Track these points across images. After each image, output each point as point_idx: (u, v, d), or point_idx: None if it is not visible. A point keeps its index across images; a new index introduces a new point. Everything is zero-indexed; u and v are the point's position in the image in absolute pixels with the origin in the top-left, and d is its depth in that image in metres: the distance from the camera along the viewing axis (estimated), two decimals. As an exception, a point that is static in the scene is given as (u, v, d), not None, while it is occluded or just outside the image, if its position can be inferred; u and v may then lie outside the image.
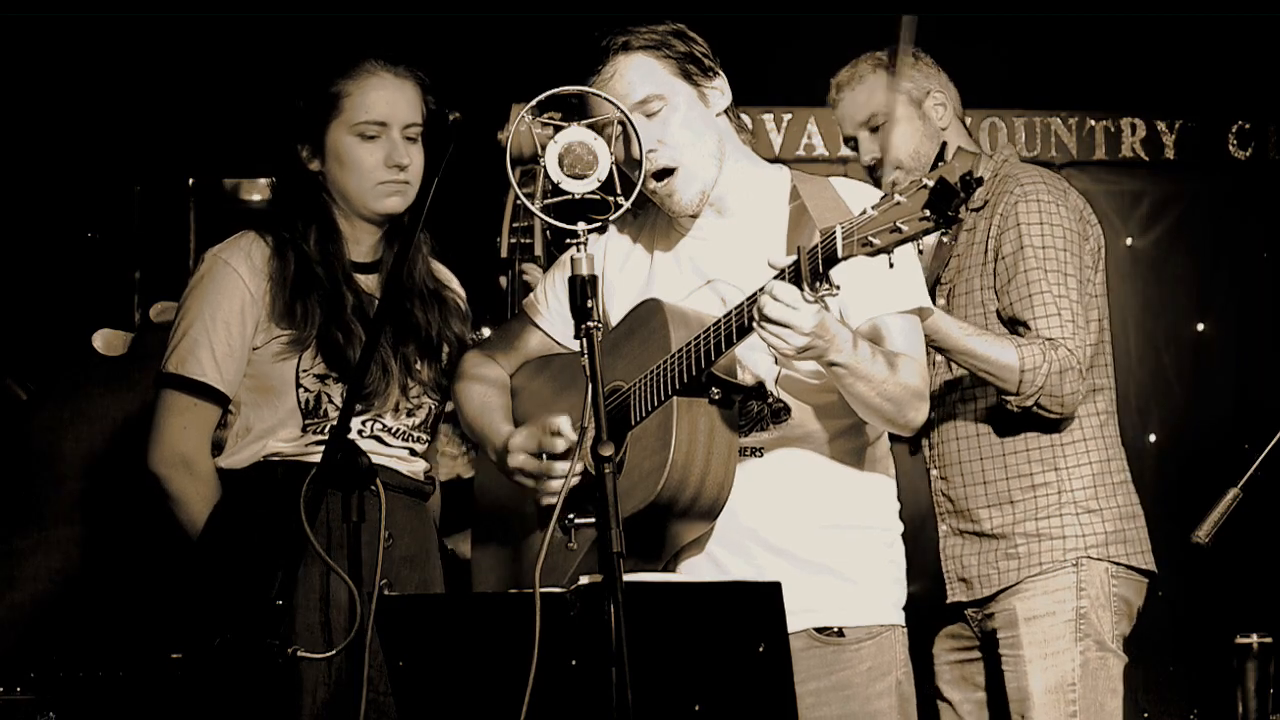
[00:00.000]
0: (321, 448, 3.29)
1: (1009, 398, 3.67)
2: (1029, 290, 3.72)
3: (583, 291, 2.76)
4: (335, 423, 3.31)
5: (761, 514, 3.14)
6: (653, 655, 2.61)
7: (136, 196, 5.49)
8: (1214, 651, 4.75)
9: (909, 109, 3.86)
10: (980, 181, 2.60)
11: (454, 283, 3.64)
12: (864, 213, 2.73)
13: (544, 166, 2.83)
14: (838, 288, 2.80)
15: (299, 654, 2.97)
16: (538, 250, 3.91)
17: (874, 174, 3.89)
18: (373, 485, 3.07)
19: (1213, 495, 3.48)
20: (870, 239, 2.70)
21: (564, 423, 3.10)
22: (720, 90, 3.22)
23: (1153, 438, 5.67)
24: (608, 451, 2.65)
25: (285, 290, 3.41)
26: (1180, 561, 5.19)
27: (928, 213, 2.62)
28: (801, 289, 2.81)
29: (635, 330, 3.18)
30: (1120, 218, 5.70)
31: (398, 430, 3.45)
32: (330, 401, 3.40)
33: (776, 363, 3.13)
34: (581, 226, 2.82)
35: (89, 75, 5.25)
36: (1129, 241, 5.71)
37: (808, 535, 3.15)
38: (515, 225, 3.97)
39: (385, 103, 3.43)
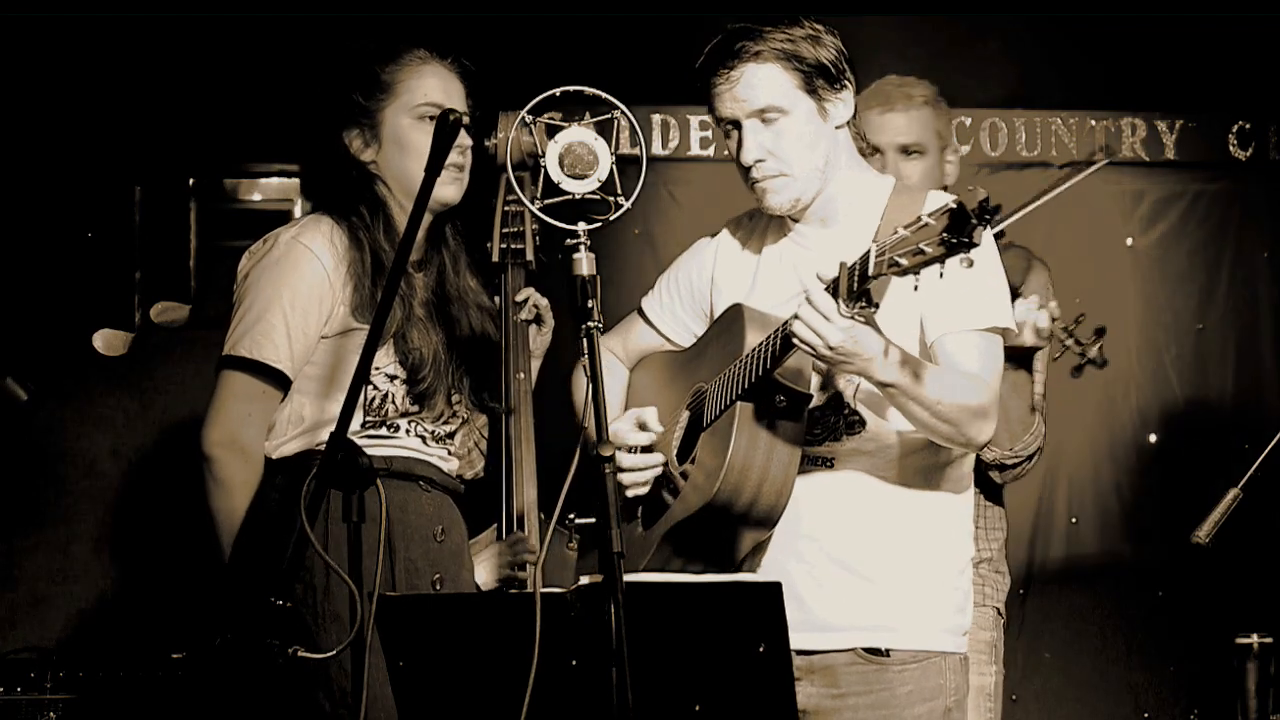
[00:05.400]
0: (375, 443, 3.29)
1: (993, 446, 3.77)
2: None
3: (583, 291, 2.77)
4: (392, 424, 3.34)
5: (827, 525, 3.16)
6: (653, 655, 2.62)
7: (136, 196, 5.48)
8: (1214, 651, 4.75)
9: (936, 154, 3.94)
10: (998, 209, 2.61)
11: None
12: (896, 232, 2.75)
13: (544, 167, 2.84)
14: (876, 305, 2.83)
15: (299, 654, 2.95)
16: (529, 255, 3.91)
17: None
18: (374, 484, 3.05)
19: (1213, 495, 3.48)
20: (897, 259, 2.72)
21: (649, 415, 3.23)
22: (844, 102, 3.21)
23: (1153, 438, 5.67)
24: (608, 452, 2.66)
25: (367, 280, 3.31)
26: (1180, 561, 5.21)
27: (946, 235, 2.63)
28: (838, 303, 2.84)
29: (720, 334, 3.24)
30: (1120, 218, 5.69)
31: (435, 433, 3.42)
32: (392, 403, 3.35)
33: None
34: (582, 226, 2.83)
35: (89, 75, 5.25)
36: (1129, 241, 5.70)
37: (871, 551, 3.16)
38: (505, 231, 3.97)
39: (440, 89, 3.38)
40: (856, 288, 2.81)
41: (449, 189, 3.38)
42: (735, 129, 3.19)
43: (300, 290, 3.30)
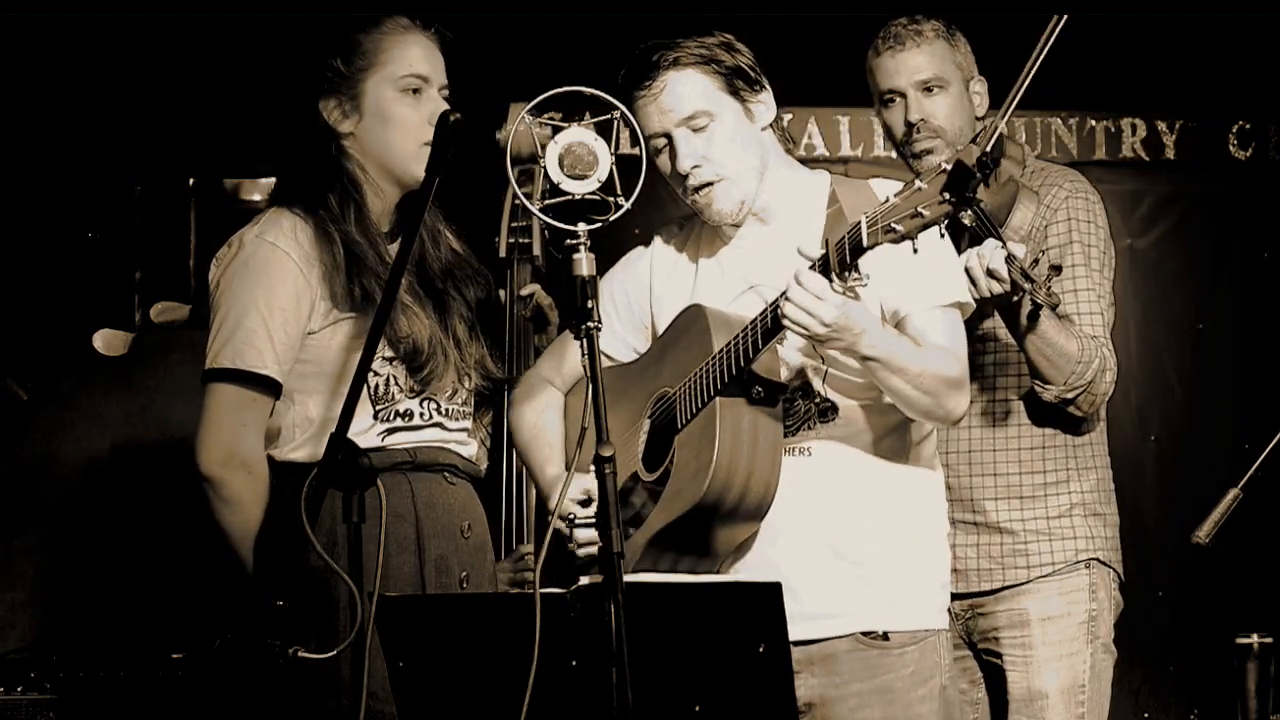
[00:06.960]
0: (396, 435, 3.27)
1: (1049, 386, 3.63)
2: (1075, 285, 3.72)
3: (583, 292, 2.78)
4: (406, 412, 3.29)
5: (812, 515, 3.16)
6: (653, 655, 2.62)
7: (136, 196, 5.48)
8: (1214, 651, 4.75)
9: (960, 85, 3.86)
10: (997, 161, 2.62)
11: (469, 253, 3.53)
12: (887, 200, 2.77)
13: (544, 166, 2.84)
14: (867, 277, 2.85)
15: (300, 654, 2.94)
16: (536, 250, 3.91)
17: (909, 136, 3.83)
18: (374, 485, 3.04)
19: (1213, 495, 3.48)
20: (893, 225, 2.75)
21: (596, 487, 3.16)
22: (765, 104, 3.26)
23: (1153, 438, 5.67)
24: (608, 453, 2.66)
25: (341, 274, 3.22)
26: (1180, 561, 5.21)
27: (946, 195, 2.66)
28: (830, 279, 2.85)
29: (679, 337, 3.23)
30: (1120, 218, 5.69)
31: (450, 411, 3.36)
32: (396, 384, 3.28)
33: (824, 361, 3.15)
34: (581, 227, 2.83)
35: (89, 75, 5.25)
36: (1129, 242, 5.69)
37: (858, 536, 3.18)
38: (513, 225, 3.96)
39: (424, 60, 3.31)
40: (850, 261, 2.82)
41: (422, 166, 3.23)
42: (666, 141, 3.22)
43: (275, 290, 3.22)
